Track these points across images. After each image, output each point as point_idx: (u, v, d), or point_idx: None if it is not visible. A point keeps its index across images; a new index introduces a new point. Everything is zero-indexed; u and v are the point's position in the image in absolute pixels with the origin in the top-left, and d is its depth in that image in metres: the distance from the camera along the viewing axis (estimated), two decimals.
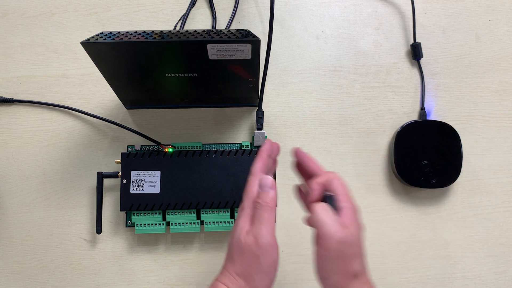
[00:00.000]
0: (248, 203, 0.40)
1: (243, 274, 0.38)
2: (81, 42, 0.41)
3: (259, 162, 0.43)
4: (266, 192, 0.40)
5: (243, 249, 0.38)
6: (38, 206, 0.57)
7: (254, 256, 0.38)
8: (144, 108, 0.60)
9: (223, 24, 0.63)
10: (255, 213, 0.39)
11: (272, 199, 0.40)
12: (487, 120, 0.60)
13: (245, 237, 0.38)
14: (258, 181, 0.41)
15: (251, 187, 0.41)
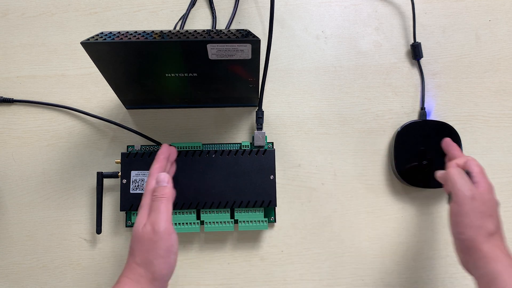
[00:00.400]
0: (145, 200, 0.44)
1: (143, 262, 0.41)
2: (81, 42, 0.41)
3: (157, 164, 0.48)
4: (162, 186, 0.44)
5: (141, 239, 0.42)
6: (38, 206, 0.57)
7: (151, 243, 0.41)
8: (144, 108, 0.60)
9: (223, 24, 0.63)
10: (152, 205, 0.43)
11: (168, 192, 0.44)
12: (487, 120, 0.60)
13: (143, 228, 0.42)
14: (154, 179, 0.45)
15: (148, 186, 0.45)
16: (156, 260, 0.41)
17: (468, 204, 0.43)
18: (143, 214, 0.43)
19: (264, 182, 0.54)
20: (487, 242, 0.42)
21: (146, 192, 0.45)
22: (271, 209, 0.56)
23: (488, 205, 0.43)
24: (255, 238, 0.57)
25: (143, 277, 0.41)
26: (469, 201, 0.43)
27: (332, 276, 0.56)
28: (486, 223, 0.42)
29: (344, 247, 0.57)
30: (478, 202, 0.43)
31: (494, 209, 0.44)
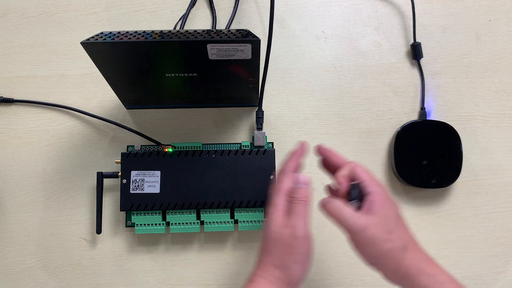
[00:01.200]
0: (280, 199, 0.42)
1: (280, 265, 0.40)
2: (81, 42, 0.41)
3: (292, 162, 0.45)
4: (302, 188, 0.43)
5: (280, 241, 0.40)
6: (38, 206, 0.57)
7: (290, 247, 0.40)
8: (144, 108, 0.60)
9: (223, 24, 0.63)
10: (291, 207, 0.42)
11: (308, 195, 0.42)
12: (487, 120, 0.60)
13: (282, 229, 0.40)
14: (290, 178, 0.43)
15: (283, 184, 0.43)
16: (295, 265, 0.40)
17: (363, 236, 0.39)
18: (279, 215, 0.41)
19: (264, 182, 0.54)
20: (402, 260, 0.39)
21: (280, 192, 0.43)
22: None
23: (386, 221, 0.40)
24: (255, 238, 0.57)
25: (280, 279, 0.40)
26: (363, 232, 0.39)
27: (332, 276, 0.56)
28: (393, 242, 0.39)
29: (344, 247, 0.57)
30: (373, 227, 0.39)
31: (394, 220, 0.41)
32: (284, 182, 0.43)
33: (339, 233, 0.57)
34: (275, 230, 0.41)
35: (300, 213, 0.41)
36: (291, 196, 0.42)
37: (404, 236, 0.40)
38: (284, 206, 0.42)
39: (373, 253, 0.40)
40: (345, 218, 0.40)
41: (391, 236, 0.39)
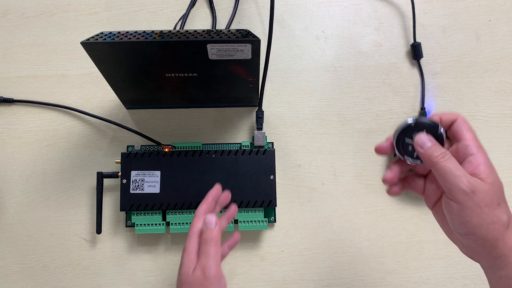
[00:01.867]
0: (191, 242, 0.42)
1: None
2: (81, 42, 0.41)
3: (204, 205, 0.45)
4: (210, 229, 0.42)
5: (192, 284, 0.40)
6: (38, 206, 0.57)
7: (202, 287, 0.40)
8: (144, 108, 0.60)
9: (223, 24, 0.63)
10: (201, 248, 0.42)
11: (216, 235, 0.42)
12: (487, 120, 0.60)
13: (193, 273, 0.40)
14: (201, 221, 0.43)
15: (194, 227, 0.43)
16: None
17: (470, 201, 0.34)
18: (191, 258, 0.41)
19: (264, 182, 0.54)
20: (504, 239, 0.34)
21: (192, 234, 0.43)
22: (271, 209, 0.56)
23: (494, 191, 0.35)
24: (255, 238, 0.57)
25: None
26: (471, 196, 0.34)
27: (332, 276, 0.56)
28: (498, 214, 0.34)
29: (344, 247, 0.57)
30: (481, 193, 0.34)
31: (501, 192, 0.35)
32: (195, 224, 0.43)
33: (339, 233, 0.57)
34: (187, 274, 0.41)
35: (209, 253, 0.41)
36: (202, 237, 0.42)
37: (508, 212, 0.35)
38: (195, 249, 0.42)
39: (474, 221, 0.34)
40: (457, 175, 0.34)
41: (499, 208, 0.34)
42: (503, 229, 0.34)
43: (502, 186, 0.36)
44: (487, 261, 0.36)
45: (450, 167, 0.35)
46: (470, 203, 0.34)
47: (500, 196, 0.35)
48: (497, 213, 0.34)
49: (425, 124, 0.37)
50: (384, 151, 0.40)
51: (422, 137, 0.37)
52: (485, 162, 0.35)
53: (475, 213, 0.34)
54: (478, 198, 0.34)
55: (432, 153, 0.36)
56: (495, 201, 0.34)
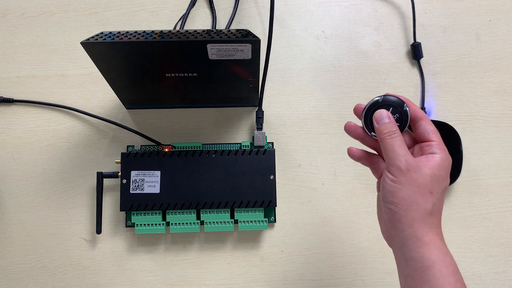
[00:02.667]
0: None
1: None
2: (81, 42, 0.41)
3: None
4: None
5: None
6: (38, 206, 0.57)
7: None
8: (144, 108, 0.60)
9: (223, 24, 0.63)
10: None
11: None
12: (487, 120, 0.60)
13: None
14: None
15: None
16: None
17: (402, 176, 0.36)
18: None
19: (264, 182, 0.54)
20: (422, 223, 0.36)
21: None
22: (271, 209, 0.56)
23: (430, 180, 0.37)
24: (255, 238, 0.57)
25: None
26: (404, 173, 0.36)
27: (332, 276, 0.56)
28: (424, 199, 0.36)
29: (344, 247, 0.57)
30: (415, 173, 0.36)
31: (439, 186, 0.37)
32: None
33: (339, 233, 0.57)
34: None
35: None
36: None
37: (438, 207, 0.37)
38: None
39: (400, 194, 0.37)
40: (397, 152, 0.37)
41: (429, 195, 0.37)
42: (423, 213, 0.36)
43: (445, 183, 0.38)
44: (400, 240, 0.37)
45: (393, 145, 0.37)
46: (402, 178, 0.36)
47: (436, 188, 0.37)
48: (424, 197, 0.36)
49: (391, 101, 0.39)
50: (352, 129, 0.42)
51: (382, 113, 0.39)
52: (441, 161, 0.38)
53: (403, 188, 0.36)
54: (411, 177, 0.36)
55: (383, 129, 0.38)
56: (428, 187, 0.37)
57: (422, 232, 0.36)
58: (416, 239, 0.36)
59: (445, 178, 0.38)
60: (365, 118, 0.40)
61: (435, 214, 0.37)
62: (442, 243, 0.37)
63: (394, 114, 0.39)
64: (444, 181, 0.38)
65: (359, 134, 0.42)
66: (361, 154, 0.43)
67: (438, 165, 0.38)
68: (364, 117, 0.41)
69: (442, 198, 0.38)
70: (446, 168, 0.39)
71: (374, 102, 0.40)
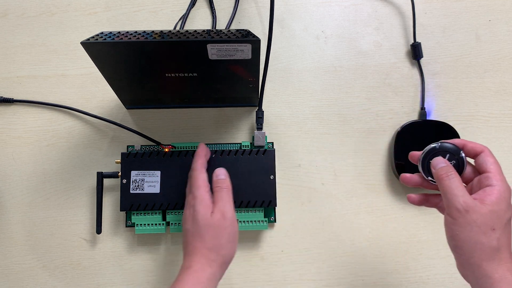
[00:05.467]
0: (202, 192, 0.47)
1: (215, 247, 0.44)
2: (81, 42, 0.41)
3: (200, 159, 0.50)
4: (222, 179, 0.49)
5: (212, 225, 0.45)
6: (38, 206, 0.57)
7: (222, 229, 0.45)
8: (144, 108, 0.60)
9: (223, 24, 0.63)
10: (216, 195, 0.47)
11: (229, 183, 0.49)
12: (487, 120, 0.60)
13: (212, 215, 0.45)
14: (204, 173, 0.49)
15: (199, 179, 0.48)
16: (227, 245, 0.45)
17: (461, 217, 0.37)
18: (207, 204, 0.46)
19: (264, 182, 0.54)
20: (490, 261, 0.37)
21: (199, 185, 0.47)
22: (271, 209, 0.56)
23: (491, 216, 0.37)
24: (255, 238, 0.57)
25: (214, 261, 0.44)
26: (463, 214, 0.37)
27: (332, 276, 0.56)
28: (488, 237, 0.37)
29: (344, 247, 0.57)
30: (475, 214, 0.37)
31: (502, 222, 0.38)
32: (199, 177, 0.48)
33: (339, 233, 0.57)
34: (206, 217, 0.45)
35: (226, 199, 0.47)
36: (215, 186, 0.48)
37: (504, 241, 0.38)
38: (208, 197, 0.47)
39: (462, 237, 0.38)
40: (455, 194, 0.38)
41: (491, 232, 0.37)
42: (489, 251, 0.37)
43: (507, 215, 0.38)
44: (473, 279, 0.39)
45: (451, 186, 0.39)
46: (461, 220, 0.37)
47: (498, 224, 0.37)
48: (487, 236, 0.37)
49: (448, 148, 0.41)
50: (408, 180, 0.45)
51: (438, 159, 0.41)
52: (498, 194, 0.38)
53: (464, 230, 0.38)
54: (471, 217, 0.37)
55: (439, 171, 0.40)
56: (489, 225, 0.37)
57: (491, 270, 0.37)
58: (487, 277, 0.37)
59: (506, 210, 0.38)
60: (422, 164, 0.42)
61: (503, 249, 0.38)
62: None
63: (451, 160, 0.40)
64: (506, 213, 0.38)
65: (416, 182, 0.44)
66: (421, 198, 0.45)
67: (497, 199, 0.38)
68: (422, 162, 0.42)
69: (507, 229, 0.38)
70: (506, 200, 0.38)
71: (430, 149, 0.42)
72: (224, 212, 0.45)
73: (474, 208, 0.37)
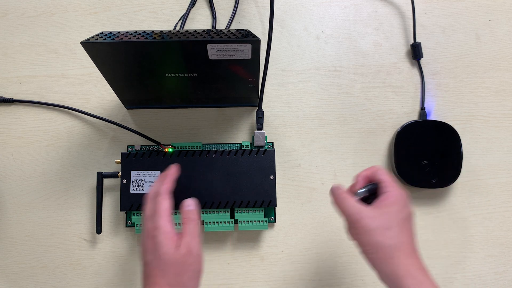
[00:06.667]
0: (164, 221, 0.42)
1: (177, 284, 0.40)
2: (81, 42, 0.41)
3: (166, 184, 0.45)
4: (192, 209, 0.44)
5: (177, 262, 0.41)
6: (38, 206, 0.57)
7: (187, 265, 0.41)
8: (144, 108, 0.60)
9: (223, 24, 0.63)
10: (184, 228, 0.43)
11: (198, 215, 0.44)
12: (487, 120, 0.60)
13: (177, 250, 0.41)
14: (168, 199, 0.44)
15: (162, 206, 0.43)
16: (190, 282, 0.41)
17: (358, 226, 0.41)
18: (171, 237, 0.42)
19: (264, 182, 0.54)
20: (391, 258, 0.39)
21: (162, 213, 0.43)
22: (271, 209, 0.56)
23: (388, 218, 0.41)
24: (255, 238, 0.57)
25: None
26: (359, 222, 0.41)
27: (332, 276, 0.56)
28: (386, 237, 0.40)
29: (344, 247, 0.57)
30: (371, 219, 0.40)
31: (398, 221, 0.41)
32: (164, 204, 0.43)
33: (339, 233, 0.57)
34: (170, 252, 0.41)
35: (194, 233, 0.42)
36: (184, 217, 0.43)
37: (402, 238, 0.41)
38: (172, 228, 0.42)
39: (365, 241, 0.41)
40: (346, 206, 0.42)
41: (387, 232, 0.40)
42: (389, 250, 0.40)
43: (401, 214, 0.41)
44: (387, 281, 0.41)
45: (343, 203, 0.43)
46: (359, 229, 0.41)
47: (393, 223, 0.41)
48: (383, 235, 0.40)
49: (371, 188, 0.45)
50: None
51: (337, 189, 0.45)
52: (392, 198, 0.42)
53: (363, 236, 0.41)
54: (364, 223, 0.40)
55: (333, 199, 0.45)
56: (383, 226, 0.40)
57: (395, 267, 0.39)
58: (393, 276, 0.39)
59: (401, 209, 0.42)
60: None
61: (403, 245, 0.40)
62: (418, 271, 0.39)
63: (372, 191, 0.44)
64: (401, 213, 0.42)
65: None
66: None
67: (389, 202, 0.42)
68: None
69: (405, 226, 0.41)
70: (399, 201, 0.42)
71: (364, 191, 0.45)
72: (191, 247, 0.41)
73: (364, 214, 0.41)
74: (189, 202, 0.45)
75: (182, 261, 0.41)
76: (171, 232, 0.42)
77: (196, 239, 0.42)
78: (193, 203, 0.45)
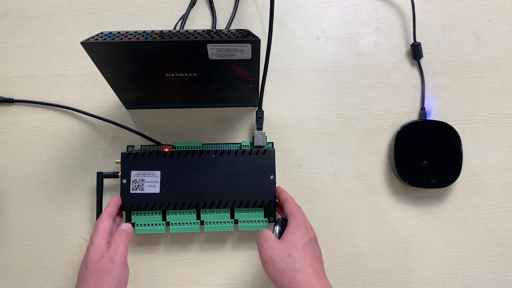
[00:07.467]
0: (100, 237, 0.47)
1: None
2: (81, 42, 0.41)
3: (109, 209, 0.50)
4: (124, 229, 0.49)
5: (98, 268, 0.44)
6: (38, 206, 0.57)
7: (107, 273, 0.44)
8: (144, 108, 0.60)
9: (223, 24, 0.63)
10: (113, 240, 0.47)
11: (130, 234, 0.49)
12: (487, 120, 0.60)
13: (101, 258, 0.45)
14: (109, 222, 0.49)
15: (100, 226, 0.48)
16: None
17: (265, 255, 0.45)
18: (100, 249, 0.45)
19: (264, 182, 0.54)
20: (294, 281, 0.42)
21: (99, 232, 0.47)
22: (271, 209, 0.56)
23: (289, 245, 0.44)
24: (255, 238, 0.57)
25: None
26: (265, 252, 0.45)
27: (332, 276, 0.56)
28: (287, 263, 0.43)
29: (344, 247, 0.57)
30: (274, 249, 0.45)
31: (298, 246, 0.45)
32: (102, 223, 0.48)
33: (339, 233, 0.57)
34: (94, 260, 0.44)
35: (119, 243, 0.46)
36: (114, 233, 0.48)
37: (302, 261, 0.44)
38: (103, 243, 0.46)
39: (271, 270, 0.44)
40: (258, 242, 0.47)
41: (288, 258, 0.44)
42: (292, 274, 0.43)
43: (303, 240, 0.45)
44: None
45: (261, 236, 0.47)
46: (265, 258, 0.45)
47: (294, 249, 0.44)
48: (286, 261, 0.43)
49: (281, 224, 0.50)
50: None
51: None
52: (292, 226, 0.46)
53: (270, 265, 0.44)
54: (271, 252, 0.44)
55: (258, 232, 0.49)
56: (285, 253, 0.44)
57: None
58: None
59: (301, 237, 0.45)
60: None
61: (304, 268, 0.43)
62: None
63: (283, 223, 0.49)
64: (301, 239, 0.45)
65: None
66: None
67: (291, 231, 0.46)
68: None
69: (306, 251, 0.45)
70: (299, 229, 0.46)
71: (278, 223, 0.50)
72: (114, 256, 0.45)
73: (269, 244, 0.45)
74: (125, 225, 0.50)
75: (104, 269, 0.44)
76: (101, 246, 0.46)
77: (121, 250, 0.45)
78: (128, 226, 0.50)
